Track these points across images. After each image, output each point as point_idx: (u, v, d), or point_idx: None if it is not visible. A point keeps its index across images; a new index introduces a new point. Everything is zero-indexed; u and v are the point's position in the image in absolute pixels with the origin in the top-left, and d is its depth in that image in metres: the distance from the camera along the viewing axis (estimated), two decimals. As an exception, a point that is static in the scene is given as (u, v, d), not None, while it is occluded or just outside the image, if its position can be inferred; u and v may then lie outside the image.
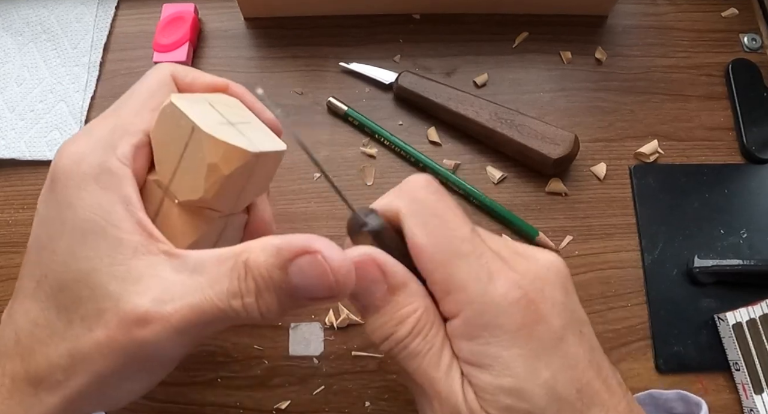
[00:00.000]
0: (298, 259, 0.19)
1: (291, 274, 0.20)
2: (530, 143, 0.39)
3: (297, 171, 0.42)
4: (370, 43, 0.46)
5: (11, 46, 0.46)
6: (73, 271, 0.22)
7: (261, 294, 0.20)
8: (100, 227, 0.22)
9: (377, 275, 0.21)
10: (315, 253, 0.19)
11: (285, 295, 0.20)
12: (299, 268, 0.19)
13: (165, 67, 0.27)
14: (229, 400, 0.36)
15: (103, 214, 0.22)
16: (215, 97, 0.27)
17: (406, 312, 0.21)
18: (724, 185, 0.41)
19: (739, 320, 0.36)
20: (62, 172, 0.23)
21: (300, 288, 0.20)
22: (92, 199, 0.22)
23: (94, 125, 0.25)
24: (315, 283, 0.20)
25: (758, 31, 0.46)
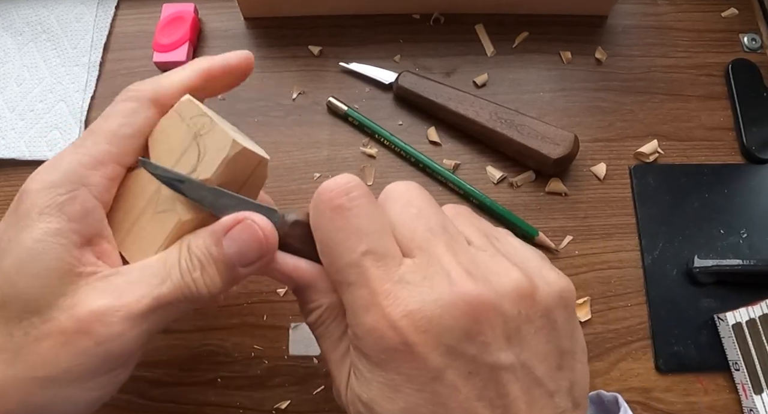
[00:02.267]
0: (231, 232, 0.23)
1: (226, 247, 0.23)
2: (530, 143, 0.39)
3: (297, 171, 0.42)
4: (370, 43, 0.46)
5: (11, 46, 0.46)
6: (19, 287, 0.22)
7: (204, 269, 0.23)
8: (53, 250, 0.22)
9: (281, 278, 0.24)
10: (243, 219, 0.23)
11: (224, 267, 0.23)
12: (231, 239, 0.23)
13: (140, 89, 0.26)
14: (229, 400, 0.36)
15: (60, 240, 0.22)
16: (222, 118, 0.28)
17: (311, 307, 0.24)
18: (724, 185, 0.41)
19: (739, 320, 0.36)
20: (29, 196, 0.23)
21: (235, 255, 0.23)
22: (51, 224, 0.22)
23: (67, 153, 0.24)
24: (247, 244, 0.23)
25: (758, 31, 0.46)
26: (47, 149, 0.42)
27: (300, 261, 0.24)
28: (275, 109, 0.44)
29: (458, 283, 0.20)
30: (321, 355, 0.25)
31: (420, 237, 0.22)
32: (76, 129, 0.43)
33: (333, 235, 0.22)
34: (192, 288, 0.23)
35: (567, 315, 0.22)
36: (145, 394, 0.36)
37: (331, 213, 0.22)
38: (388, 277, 0.21)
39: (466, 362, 0.20)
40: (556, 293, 0.22)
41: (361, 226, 0.21)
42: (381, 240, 0.21)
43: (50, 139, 0.43)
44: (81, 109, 0.43)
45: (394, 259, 0.21)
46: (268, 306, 0.38)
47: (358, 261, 0.21)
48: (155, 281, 0.23)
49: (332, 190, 0.22)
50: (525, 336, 0.21)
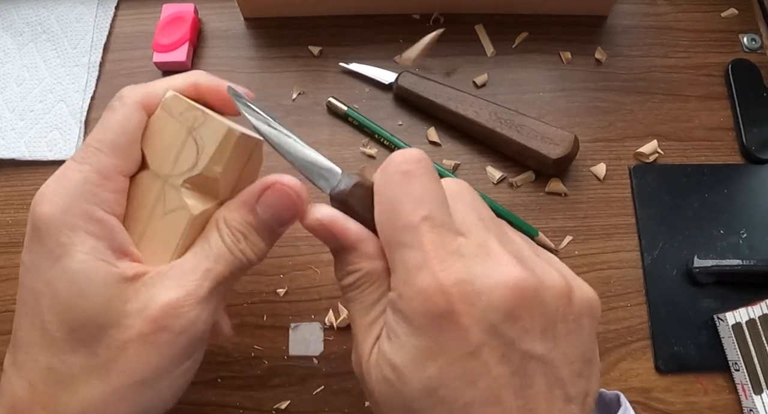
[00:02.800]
0: (262, 198, 0.24)
1: (261, 213, 0.24)
2: (530, 143, 0.39)
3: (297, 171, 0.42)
4: (370, 43, 0.46)
5: (11, 46, 0.46)
6: (85, 309, 0.23)
7: (248, 238, 0.25)
8: (99, 266, 0.23)
9: (328, 235, 0.24)
10: (273, 183, 0.24)
11: (264, 231, 0.25)
12: (265, 205, 0.24)
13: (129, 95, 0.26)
14: (229, 400, 0.36)
15: (100, 256, 0.23)
16: None
17: (351, 269, 0.24)
18: (724, 185, 0.41)
19: (739, 320, 0.36)
20: (48, 221, 0.23)
21: (271, 218, 0.25)
22: (87, 245, 0.23)
23: (68, 170, 0.24)
24: (281, 206, 0.24)
25: (758, 31, 0.46)
26: (47, 149, 0.42)
27: (351, 221, 0.24)
28: (275, 109, 0.44)
29: (509, 265, 0.21)
30: (350, 319, 0.25)
31: (477, 221, 0.23)
32: (76, 129, 0.43)
33: (397, 195, 0.22)
34: (242, 259, 0.25)
35: (593, 326, 0.23)
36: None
37: (400, 176, 0.23)
38: (443, 245, 0.21)
39: (503, 344, 0.20)
40: (588, 302, 0.23)
41: (425, 193, 0.22)
42: (441, 210, 0.22)
43: (50, 139, 0.43)
44: (81, 110, 0.43)
45: (451, 232, 0.22)
46: (268, 306, 0.38)
47: (417, 224, 0.21)
48: (208, 263, 0.24)
49: (401, 157, 0.23)
50: (558, 334, 0.21)
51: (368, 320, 0.23)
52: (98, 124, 0.25)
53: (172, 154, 0.25)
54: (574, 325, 0.22)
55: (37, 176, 0.42)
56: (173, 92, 0.26)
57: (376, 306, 0.23)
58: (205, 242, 0.25)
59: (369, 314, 0.23)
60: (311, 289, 0.38)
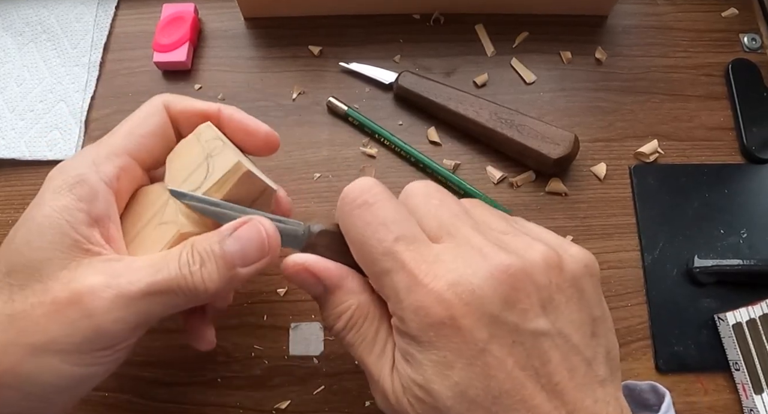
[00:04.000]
0: (236, 232, 0.24)
1: (228, 245, 0.24)
2: (530, 143, 0.39)
3: (297, 171, 0.42)
4: (370, 43, 0.46)
5: (11, 46, 0.46)
6: (25, 256, 0.23)
7: (204, 263, 0.24)
8: (58, 225, 0.24)
9: (310, 279, 0.24)
10: (249, 220, 0.24)
11: (223, 263, 0.24)
12: (234, 238, 0.24)
13: (158, 97, 0.29)
14: (229, 400, 0.36)
15: (66, 216, 0.24)
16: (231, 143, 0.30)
17: (340, 309, 0.24)
18: (724, 185, 0.41)
19: (739, 320, 0.36)
20: (47, 180, 0.25)
21: (236, 253, 0.24)
22: (60, 201, 0.24)
23: (87, 148, 0.27)
24: (249, 243, 0.24)
25: (758, 31, 0.46)
26: (47, 149, 0.42)
27: (328, 262, 0.25)
28: (275, 109, 0.44)
29: (491, 256, 0.21)
30: (358, 361, 0.24)
31: (446, 223, 0.23)
32: (76, 129, 0.43)
33: (363, 230, 0.23)
34: (188, 280, 0.24)
35: (594, 283, 0.23)
36: (145, 394, 0.36)
37: (358, 211, 0.23)
38: (423, 258, 0.22)
39: (509, 331, 0.21)
40: (581, 263, 0.23)
41: (387, 216, 0.23)
42: (409, 227, 0.23)
43: (50, 139, 0.43)
44: (81, 109, 0.43)
45: (425, 242, 0.22)
46: (268, 306, 0.38)
47: (391, 248, 0.22)
48: (152, 269, 0.24)
49: (354, 191, 0.24)
50: (558, 305, 0.22)
51: (376, 354, 0.24)
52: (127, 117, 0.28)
53: (185, 174, 0.27)
54: (572, 290, 0.22)
55: (37, 176, 0.42)
56: (209, 123, 0.28)
57: (378, 337, 0.24)
58: (164, 252, 0.25)
59: (375, 348, 0.24)
60: (311, 289, 0.38)
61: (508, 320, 0.21)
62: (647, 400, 0.33)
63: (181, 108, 0.29)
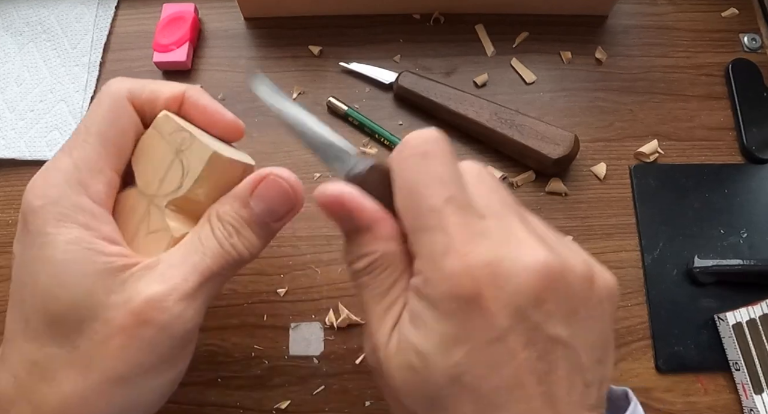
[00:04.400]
0: (256, 190, 0.23)
1: (254, 206, 0.23)
2: (530, 143, 0.39)
3: (297, 171, 0.41)
4: (370, 43, 0.46)
5: (11, 46, 0.46)
6: (66, 299, 0.22)
7: (240, 233, 0.24)
8: (83, 257, 0.22)
9: (342, 213, 0.23)
10: (266, 175, 0.23)
11: (257, 226, 0.24)
12: (259, 197, 0.23)
13: (117, 87, 0.26)
14: (229, 400, 0.36)
15: (84, 245, 0.23)
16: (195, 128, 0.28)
17: (363, 252, 0.23)
18: (724, 185, 0.41)
19: (739, 320, 0.36)
20: (36, 213, 0.23)
21: (264, 212, 0.23)
22: (72, 234, 0.23)
23: (58, 161, 0.24)
24: (275, 198, 0.23)
25: (758, 31, 0.46)
26: (47, 149, 0.42)
27: (366, 200, 0.23)
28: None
29: (535, 248, 0.20)
30: (363, 305, 0.23)
31: (496, 206, 0.22)
32: (76, 129, 0.43)
33: (418, 178, 0.21)
34: (233, 254, 0.24)
35: (613, 310, 0.23)
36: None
37: (419, 158, 0.22)
38: (469, 228, 0.21)
39: (528, 329, 0.20)
40: (609, 286, 0.22)
41: (446, 174, 0.21)
42: (463, 192, 0.22)
43: (50, 139, 0.43)
44: (81, 109, 0.43)
45: (474, 214, 0.21)
46: (268, 306, 0.38)
47: (441, 207, 0.21)
48: (197, 257, 0.23)
49: (418, 139, 0.22)
50: (580, 318, 0.21)
51: (383, 306, 0.22)
52: (86, 114, 0.25)
53: (159, 175, 0.25)
54: (595, 310, 0.21)
55: (37, 176, 0.42)
56: (165, 112, 0.26)
57: (391, 291, 0.22)
58: (195, 236, 0.24)
59: (384, 300, 0.22)
60: (311, 289, 0.38)
61: (531, 317, 0.20)
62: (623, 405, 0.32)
63: (147, 98, 0.26)
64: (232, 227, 0.24)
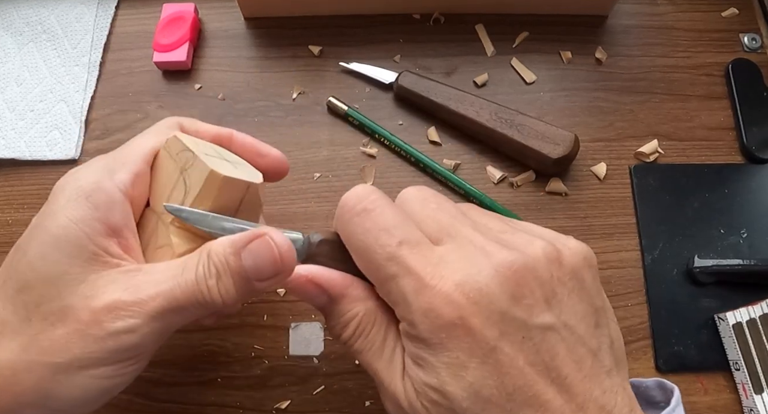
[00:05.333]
0: (249, 245, 0.23)
1: (243, 259, 0.23)
2: (530, 143, 0.39)
3: (297, 171, 0.42)
4: (370, 43, 0.46)
5: (11, 46, 0.46)
6: (41, 272, 0.23)
7: (220, 277, 0.23)
8: (76, 237, 0.23)
9: (314, 291, 0.24)
10: (263, 235, 0.23)
11: (239, 278, 0.23)
12: (249, 252, 0.23)
13: (171, 118, 0.29)
14: (229, 400, 0.36)
15: (83, 227, 0.23)
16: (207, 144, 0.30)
17: (347, 318, 0.24)
18: (724, 185, 0.41)
19: (739, 320, 0.36)
20: (59, 189, 0.25)
21: (251, 269, 0.23)
22: (77, 212, 0.24)
23: (99, 157, 0.27)
24: (262, 258, 0.23)
25: (758, 31, 0.46)
26: (47, 149, 0.42)
27: (331, 271, 0.24)
28: (275, 109, 0.44)
29: (494, 253, 0.22)
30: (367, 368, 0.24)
31: (445, 225, 0.23)
32: (76, 129, 0.43)
33: (364, 237, 0.23)
34: (206, 294, 0.23)
35: (593, 274, 0.23)
36: (145, 394, 0.36)
37: (358, 218, 0.23)
38: (428, 261, 0.22)
39: (518, 328, 0.21)
40: (580, 255, 0.23)
41: (388, 221, 0.23)
42: (410, 230, 0.23)
43: (50, 139, 0.43)
44: (81, 109, 0.43)
45: (428, 245, 0.22)
46: (268, 306, 0.38)
47: (395, 252, 0.22)
48: (171, 283, 0.23)
49: (352, 199, 0.23)
50: (561, 298, 0.22)
51: (385, 359, 0.23)
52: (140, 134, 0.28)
53: (166, 192, 0.26)
54: (573, 282, 0.22)
55: (37, 176, 0.42)
56: (175, 134, 0.27)
57: (386, 343, 0.23)
58: (183, 263, 0.24)
59: (384, 354, 0.23)
60: (311, 289, 0.38)
61: (516, 316, 0.21)
62: (653, 397, 0.32)
63: (195, 129, 0.29)
64: (216, 270, 0.23)
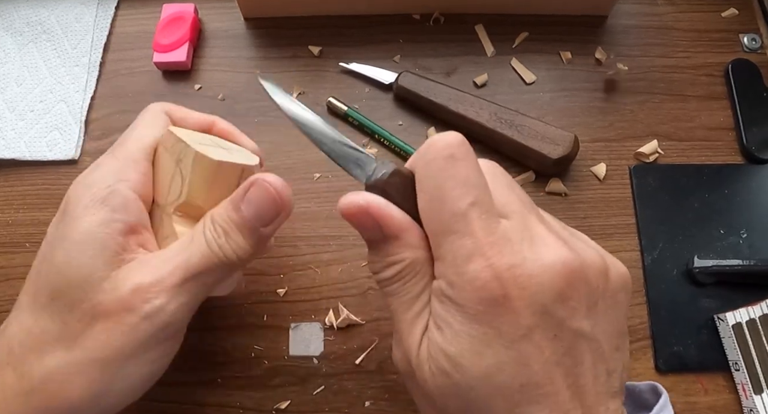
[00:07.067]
0: (246, 195, 0.24)
1: (244, 210, 0.24)
2: (530, 143, 0.39)
3: (297, 171, 0.42)
4: (370, 43, 0.46)
5: (11, 46, 0.46)
6: (69, 277, 0.24)
7: (228, 235, 0.24)
8: (100, 239, 0.24)
9: (369, 223, 0.23)
10: (256, 180, 0.24)
11: (246, 230, 0.24)
12: (248, 200, 0.24)
13: (156, 104, 0.30)
14: (229, 400, 0.36)
15: (105, 229, 0.24)
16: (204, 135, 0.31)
17: (392, 260, 0.23)
18: (724, 185, 0.41)
19: (739, 320, 0.36)
20: (73, 197, 0.25)
21: (254, 216, 0.24)
22: (96, 216, 0.24)
23: (102, 160, 0.27)
24: (262, 203, 0.24)
25: (758, 31, 0.46)
26: (47, 149, 0.42)
27: (393, 209, 0.23)
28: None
29: (554, 247, 0.21)
30: (391, 314, 0.24)
31: (514, 205, 0.23)
32: (76, 129, 0.43)
33: (443, 182, 0.22)
34: (220, 255, 0.24)
35: (628, 299, 0.23)
36: (145, 394, 0.36)
37: (443, 162, 0.22)
38: (492, 231, 0.21)
39: (554, 325, 0.20)
40: (623, 277, 0.23)
41: (470, 177, 0.22)
42: (486, 195, 0.22)
43: (50, 139, 0.43)
44: (81, 110, 0.43)
45: (496, 216, 0.22)
46: (268, 306, 0.38)
47: (465, 211, 0.21)
48: (185, 254, 0.24)
49: (442, 141, 0.22)
50: (600, 310, 0.22)
51: (413, 313, 0.22)
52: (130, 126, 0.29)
53: (166, 185, 0.27)
54: (611, 301, 0.22)
55: (37, 176, 0.42)
56: (169, 129, 0.28)
57: (420, 297, 0.23)
58: (190, 235, 0.25)
59: (414, 307, 0.23)
60: (311, 289, 0.38)
61: (556, 314, 0.20)
62: (647, 400, 0.33)
63: (179, 117, 0.30)
64: (222, 229, 0.24)
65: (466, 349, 0.20)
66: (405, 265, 0.23)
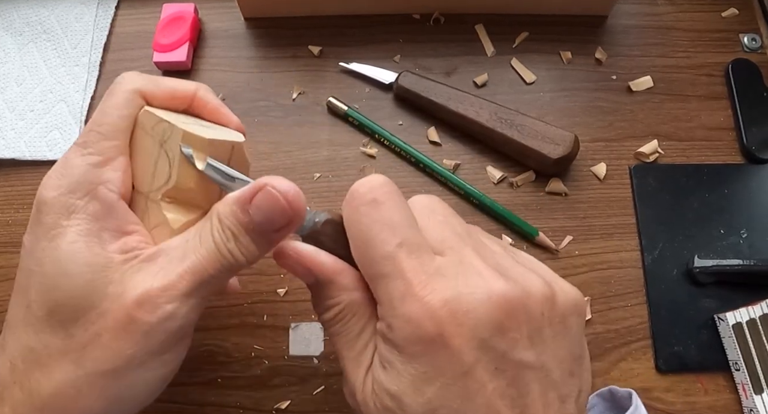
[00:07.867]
0: (254, 201, 0.23)
1: (252, 214, 0.23)
2: (530, 143, 0.39)
3: (297, 171, 0.42)
4: (370, 43, 0.46)
5: (11, 46, 0.46)
6: (67, 288, 0.23)
7: (237, 238, 0.23)
8: (88, 247, 0.23)
9: (301, 271, 0.24)
10: (264, 186, 0.23)
11: (255, 234, 0.23)
12: (256, 206, 0.23)
13: (128, 83, 0.26)
14: (229, 400, 0.36)
15: (92, 238, 0.23)
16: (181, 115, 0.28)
17: (330, 303, 0.24)
18: (724, 185, 0.41)
19: (739, 320, 0.36)
20: (49, 203, 0.24)
21: (263, 222, 0.23)
22: (82, 226, 0.23)
23: (72, 153, 0.25)
24: (272, 211, 0.23)
25: (758, 31, 0.46)
26: (47, 149, 0.42)
27: (325, 255, 0.24)
28: (275, 109, 0.44)
29: (490, 279, 0.21)
30: (336, 353, 0.24)
31: (449, 239, 0.23)
32: (76, 129, 0.43)
33: (368, 227, 0.22)
34: (230, 258, 0.23)
35: (580, 323, 0.23)
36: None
37: (366, 207, 0.22)
38: (423, 269, 0.21)
39: (495, 358, 0.20)
40: (573, 301, 0.23)
41: (395, 219, 0.22)
42: (414, 233, 0.22)
43: (50, 139, 0.43)
44: (81, 109, 0.43)
45: (428, 253, 0.22)
46: (268, 306, 0.38)
47: (394, 253, 0.21)
48: (194, 257, 0.23)
49: (364, 187, 0.23)
50: (545, 338, 0.21)
51: (356, 351, 0.23)
52: (98, 108, 0.26)
53: (150, 170, 0.25)
54: (560, 326, 0.22)
55: (37, 176, 0.42)
56: (145, 108, 0.26)
57: (361, 336, 0.23)
58: (198, 233, 0.24)
59: (356, 345, 0.23)
60: (311, 289, 0.38)
61: (497, 346, 0.20)
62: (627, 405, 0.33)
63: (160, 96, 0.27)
64: (231, 232, 0.23)
65: (408, 387, 0.20)
66: (342, 307, 0.23)
